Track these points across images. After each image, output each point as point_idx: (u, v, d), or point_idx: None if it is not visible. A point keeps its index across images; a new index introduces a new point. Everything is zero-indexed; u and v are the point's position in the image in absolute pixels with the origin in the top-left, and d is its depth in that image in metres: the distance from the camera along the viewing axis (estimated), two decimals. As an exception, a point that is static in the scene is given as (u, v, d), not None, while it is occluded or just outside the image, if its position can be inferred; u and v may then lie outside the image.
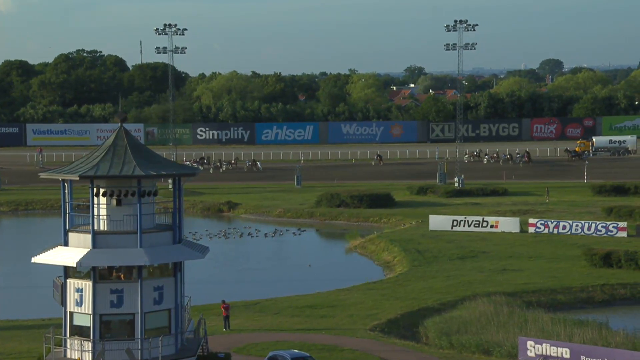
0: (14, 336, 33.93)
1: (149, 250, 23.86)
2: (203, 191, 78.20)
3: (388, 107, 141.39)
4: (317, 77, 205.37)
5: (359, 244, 56.00)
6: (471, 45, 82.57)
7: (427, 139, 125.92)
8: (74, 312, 24.01)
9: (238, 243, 58.61)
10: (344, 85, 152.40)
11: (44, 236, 54.58)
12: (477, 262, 47.94)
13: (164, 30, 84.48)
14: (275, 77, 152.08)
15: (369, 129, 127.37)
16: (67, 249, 24.16)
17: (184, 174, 25.53)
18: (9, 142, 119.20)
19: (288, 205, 71.04)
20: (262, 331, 34.58)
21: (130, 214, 24.15)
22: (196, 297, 29.55)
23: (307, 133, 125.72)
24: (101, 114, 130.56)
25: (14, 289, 45.32)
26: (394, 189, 74.87)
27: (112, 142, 24.59)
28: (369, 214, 66.67)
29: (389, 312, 37.34)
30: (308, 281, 46.08)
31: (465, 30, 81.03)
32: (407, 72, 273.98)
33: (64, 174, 24.13)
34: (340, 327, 35.13)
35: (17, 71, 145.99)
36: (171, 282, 24.60)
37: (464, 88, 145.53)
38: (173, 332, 24.51)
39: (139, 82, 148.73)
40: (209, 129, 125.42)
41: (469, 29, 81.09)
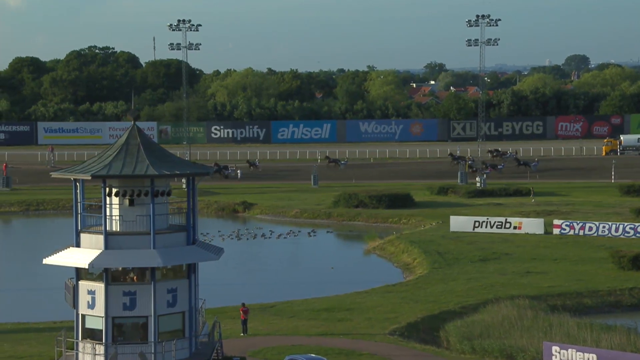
0: (25, 339, 34.14)
1: (162, 251, 23.92)
2: (218, 191, 78.39)
3: (407, 105, 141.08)
4: (335, 74, 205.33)
5: (377, 246, 55.91)
6: (494, 41, 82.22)
7: (447, 137, 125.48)
8: (85, 314, 24.11)
9: (251, 244, 58.69)
10: (362, 82, 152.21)
11: (55, 237, 54.92)
12: (499, 265, 47.72)
13: (178, 26, 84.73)
14: (291, 74, 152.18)
15: (387, 127, 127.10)
16: (79, 250, 24.26)
17: (198, 173, 25.56)
18: (20, 141, 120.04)
19: (304, 205, 71.06)
20: (278, 335, 34.60)
21: (143, 214, 24.22)
22: (210, 300, 29.62)
23: (324, 131, 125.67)
24: (113, 112, 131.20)
25: (25, 290, 45.63)
26: (413, 189, 74.67)
27: (124, 140, 24.67)
28: (388, 214, 66.55)
29: (408, 316, 37.25)
30: (325, 283, 46.05)
31: (488, 25, 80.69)
32: (427, 68, 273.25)
33: (76, 174, 24.24)
34: (358, 331, 35.07)
35: (28, 68, 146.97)
36: (185, 284, 24.65)
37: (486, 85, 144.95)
38: (187, 336, 24.57)
39: (152, 79, 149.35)
40: (224, 127, 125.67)
41: (491, 24, 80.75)
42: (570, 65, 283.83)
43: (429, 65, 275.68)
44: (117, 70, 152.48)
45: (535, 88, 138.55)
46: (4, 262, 53.79)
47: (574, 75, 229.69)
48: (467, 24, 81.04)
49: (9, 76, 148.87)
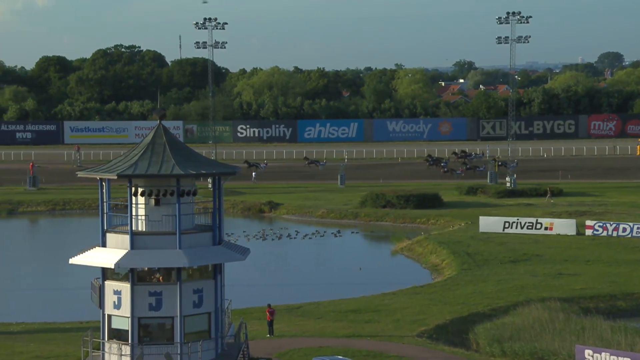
0: (51, 339, 34.48)
1: (188, 251, 24.01)
2: (244, 191, 78.63)
3: (436, 104, 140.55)
4: (362, 73, 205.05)
5: (405, 246, 55.75)
6: (524, 38, 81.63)
7: (477, 136, 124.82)
8: (112, 314, 24.26)
9: (276, 244, 58.80)
10: (389, 80, 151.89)
11: (81, 237, 55.43)
12: (530, 266, 47.37)
13: (204, 25, 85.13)
14: (318, 72, 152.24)
15: (416, 126, 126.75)
16: (105, 250, 24.42)
17: (224, 173, 25.62)
18: (47, 140, 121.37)
19: (331, 205, 71.05)
20: (305, 336, 34.60)
21: (169, 214, 24.32)
22: (236, 301, 29.69)
23: (351, 130, 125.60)
24: (139, 111, 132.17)
25: (52, 290, 46.10)
26: (442, 189, 74.39)
27: (150, 140, 24.79)
28: (416, 214, 66.34)
29: (437, 318, 37.09)
30: (352, 285, 46.00)
31: (518, 22, 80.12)
32: (457, 66, 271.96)
33: (102, 173, 24.39)
34: (385, 333, 34.99)
35: (55, 67, 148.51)
36: (211, 285, 24.72)
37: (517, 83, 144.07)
38: (213, 337, 24.64)
39: (178, 78, 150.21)
40: (250, 126, 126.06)
41: (522, 21, 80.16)
42: (604, 63, 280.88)
43: (458, 63, 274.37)
44: (143, 69, 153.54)
45: (567, 86, 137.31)
46: (30, 262, 54.40)
47: (607, 73, 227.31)
48: (498, 21, 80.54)
49: (36, 75, 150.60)
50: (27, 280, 48.62)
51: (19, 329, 36.49)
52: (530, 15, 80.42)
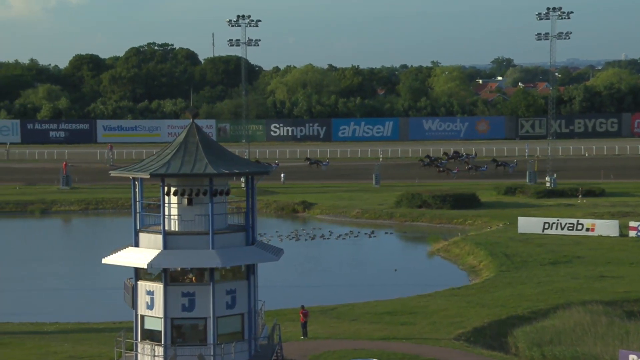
0: (85, 339, 34.85)
1: (221, 251, 24.06)
2: (277, 190, 78.82)
3: (473, 102, 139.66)
4: (398, 70, 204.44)
5: (441, 247, 55.46)
6: (565, 35, 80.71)
7: (515, 135, 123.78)
8: (145, 315, 24.40)
9: (310, 245, 58.83)
10: (425, 78, 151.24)
11: (114, 236, 55.98)
12: (571, 268, 46.83)
13: (237, 22, 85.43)
14: (352, 70, 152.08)
15: (452, 124, 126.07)
16: (138, 249, 24.56)
17: (257, 172, 25.64)
18: (80, 139, 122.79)
19: (366, 205, 70.92)
20: (339, 338, 34.55)
21: (202, 213, 24.40)
22: (270, 302, 29.72)
23: (387, 129, 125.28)
24: (172, 110, 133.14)
25: (85, 290, 46.61)
26: (479, 189, 73.91)
27: (183, 139, 24.89)
28: (453, 215, 65.97)
29: (474, 320, 36.83)
30: (387, 286, 45.87)
31: (559, 18, 79.23)
32: (495, 64, 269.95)
33: (134, 172, 24.52)
34: (422, 336, 34.83)
35: (88, 65, 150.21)
36: (244, 286, 24.75)
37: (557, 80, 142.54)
38: (246, 338, 24.67)
39: (210, 76, 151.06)
40: (283, 125, 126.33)
41: (563, 17, 79.27)
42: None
43: (496, 60, 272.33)
44: (176, 67, 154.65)
45: (609, 83, 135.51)
46: (64, 262, 55.05)
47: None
48: (537, 17, 79.72)
49: (69, 74, 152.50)
50: (60, 280, 49.21)
51: (52, 328, 36.95)
52: (572, 11, 79.44)
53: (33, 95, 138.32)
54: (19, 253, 57.40)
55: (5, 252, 56.73)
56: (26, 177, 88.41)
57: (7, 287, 46.80)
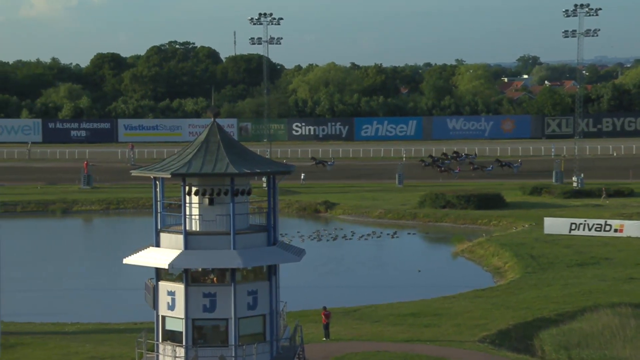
0: (106, 340, 35.07)
1: (242, 252, 24.10)
2: (299, 190, 78.88)
3: (498, 100, 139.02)
4: (421, 69, 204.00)
5: (466, 248, 55.26)
6: (593, 32, 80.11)
7: (541, 134, 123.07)
8: (166, 316, 24.49)
9: (331, 245, 58.83)
10: (450, 76, 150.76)
11: (135, 236, 56.30)
12: (598, 270, 46.45)
13: (259, 20, 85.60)
14: (375, 68, 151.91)
15: (477, 123, 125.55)
16: (159, 249, 24.65)
17: (279, 171, 25.65)
18: (101, 138, 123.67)
19: (389, 205, 70.80)
20: (362, 340, 34.52)
21: (223, 213, 24.44)
22: (292, 303, 29.73)
23: (410, 128, 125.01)
24: (193, 109, 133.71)
25: (106, 290, 46.92)
26: (504, 189, 73.55)
27: (204, 138, 24.94)
28: (477, 215, 65.70)
29: (499, 323, 36.65)
30: (410, 287, 45.76)
31: (587, 15, 78.64)
32: (520, 61, 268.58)
33: (156, 172, 24.61)
34: (446, 338, 34.71)
35: (109, 64, 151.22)
36: (266, 286, 24.77)
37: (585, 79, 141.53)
38: (268, 339, 24.69)
39: (232, 74, 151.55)
40: (305, 124, 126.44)
41: (590, 14, 78.66)
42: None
43: (521, 58, 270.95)
44: (197, 65, 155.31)
45: (639, 81, 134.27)
46: (85, 262, 55.46)
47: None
48: (564, 13, 79.16)
49: (90, 73, 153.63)
50: (81, 280, 49.56)
51: (74, 329, 37.22)
52: (600, 7, 78.84)
53: (54, 94, 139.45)
54: (41, 253, 57.90)
55: (27, 252, 57.23)
56: (47, 176, 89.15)
57: (28, 287, 47.22)
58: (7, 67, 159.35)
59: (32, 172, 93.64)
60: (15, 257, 51.82)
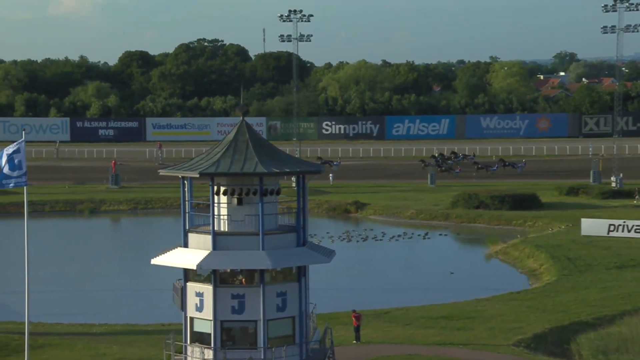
0: (134, 341, 35.31)
1: (271, 253, 24.15)
2: (329, 190, 78.90)
3: (534, 98, 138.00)
4: (454, 66, 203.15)
5: (500, 250, 54.93)
6: (633, 27, 79.20)
7: (578, 133, 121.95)
8: (194, 317, 24.62)
9: (361, 246, 58.76)
10: (484, 74, 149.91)
11: (163, 236, 56.67)
12: (638, 272, 45.93)
13: (289, 17, 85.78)
14: (407, 66, 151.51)
15: (511, 122, 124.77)
16: (187, 250, 24.77)
17: (309, 171, 25.67)
18: (129, 137, 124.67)
19: (420, 206, 70.58)
20: (393, 343, 34.44)
21: (252, 214, 24.50)
22: (321, 305, 29.73)
23: (442, 127, 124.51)
24: (222, 107, 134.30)
25: (134, 291, 47.28)
26: (540, 189, 73.00)
27: (233, 137, 25.02)
28: (512, 216, 65.26)
29: (534, 326, 36.37)
30: (443, 289, 45.58)
31: (627, 10, 77.77)
32: (557, 58, 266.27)
33: (184, 171, 24.75)
34: (479, 341, 34.51)
35: (137, 62, 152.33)
36: (295, 288, 24.80)
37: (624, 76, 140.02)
38: (297, 342, 24.72)
39: (261, 72, 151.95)
40: (335, 123, 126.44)
41: (631, 9, 77.78)
42: None
43: (558, 55, 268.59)
44: (226, 63, 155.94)
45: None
46: (113, 262, 55.94)
47: None
48: (603, 9, 78.35)
49: (118, 71, 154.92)
50: (109, 281, 49.99)
51: (101, 330, 37.55)
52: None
53: (82, 92, 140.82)
54: (68, 253, 58.50)
55: (55, 252, 57.87)
56: (75, 175, 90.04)
57: (56, 287, 47.73)
58: (36, 65, 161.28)
59: (60, 171, 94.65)
60: (43, 257, 52.41)
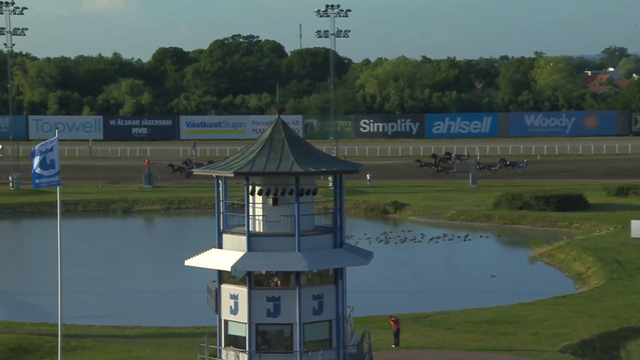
0: (168, 344, 35.57)
1: (307, 254, 24.16)
2: (367, 190, 78.82)
3: (581, 95, 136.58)
4: (497, 62, 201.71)
5: (545, 252, 54.49)
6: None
7: (628, 131, 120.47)
8: (228, 320, 24.71)
9: (400, 248, 58.62)
10: (528, 70, 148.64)
11: (197, 237, 57.03)
12: (690, 277, 45.24)
13: (326, 12, 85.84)
14: (448, 62, 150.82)
15: (557, 120, 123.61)
16: (221, 251, 24.86)
17: (346, 170, 25.65)
18: (163, 136, 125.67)
19: (462, 206, 70.22)
20: (433, 348, 34.31)
21: (288, 214, 24.53)
22: (359, 308, 29.70)
23: (485, 125, 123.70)
24: (257, 105, 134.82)
25: (167, 293, 47.63)
26: (587, 190, 72.26)
27: (268, 135, 25.07)
28: (557, 217, 64.66)
29: (582, 332, 36.00)
30: (485, 293, 45.32)
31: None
32: (605, 53, 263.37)
33: (218, 171, 24.86)
34: (523, 347, 34.24)
35: (171, 59, 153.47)
36: (332, 291, 24.78)
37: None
38: (334, 346, 24.71)
39: (297, 69, 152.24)
40: (373, 121, 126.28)
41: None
42: None
43: (607, 50, 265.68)
44: (262, 60, 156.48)
45: None
46: (146, 263, 56.41)
47: None
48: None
49: (152, 68, 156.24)
50: (142, 282, 50.42)
51: (135, 332, 37.88)
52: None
53: (116, 90, 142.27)
54: (101, 254, 59.13)
55: (88, 253, 58.53)
56: (108, 175, 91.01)
57: (89, 288, 48.27)
58: (69, 62, 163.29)
59: (93, 170, 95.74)
60: (76, 257, 53.05)
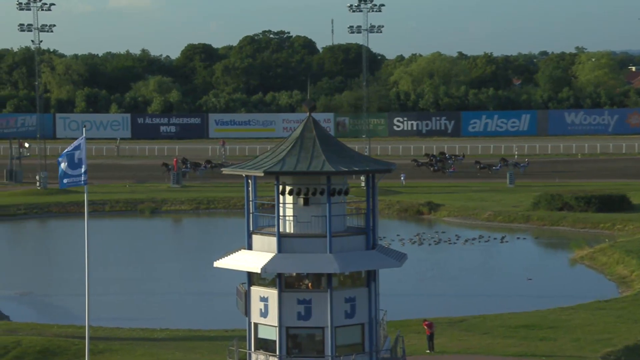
0: (197, 347, 35.74)
1: (339, 256, 24.15)
2: (400, 190, 78.66)
3: (624, 92, 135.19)
4: (536, 58, 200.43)
5: (586, 255, 54.04)
6: None
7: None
8: (258, 323, 24.76)
9: (434, 250, 58.44)
10: (569, 66, 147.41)
11: (226, 238, 57.27)
12: None
13: (359, 7, 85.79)
14: (485, 58, 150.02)
15: (599, 117, 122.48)
16: (251, 252, 24.91)
17: (379, 170, 25.59)
18: (192, 134, 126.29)
19: (499, 207, 69.83)
20: (469, 353, 34.18)
21: (319, 214, 24.53)
22: (392, 311, 29.64)
23: (523, 123, 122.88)
24: (288, 103, 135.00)
25: (196, 295, 47.86)
26: (631, 190, 71.58)
27: (299, 134, 25.09)
28: (599, 219, 64.09)
29: (625, 338, 35.65)
30: (523, 297, 45.05)
31: None
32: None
33: (248, 170, 24.91)
34: (563, 353, 34.00)
35: (200, 56, 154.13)
36: (364, 293, 24.75)
37: None
38: (367, 350, 24.69)
39: (329, 65, 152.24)
40: (407, 119, 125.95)
41: None
42: None
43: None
44: (292, 56, 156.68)
45: None
46: (174, 264, 56.74)
47: None
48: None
49: (180, 65, 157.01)
50: (170, 283, 50.73)
51: (163, 335, 38.11)
52: None
53: (144, 87, 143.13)
54: (129, 254, 59.60)
55: (115, 253, 59.01)
56: (136, 174, 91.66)
57: (116, 290, 48.66)
58: (97, 59, 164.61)
59: (121, 169, 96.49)
60: (103, 258, 53.51)
